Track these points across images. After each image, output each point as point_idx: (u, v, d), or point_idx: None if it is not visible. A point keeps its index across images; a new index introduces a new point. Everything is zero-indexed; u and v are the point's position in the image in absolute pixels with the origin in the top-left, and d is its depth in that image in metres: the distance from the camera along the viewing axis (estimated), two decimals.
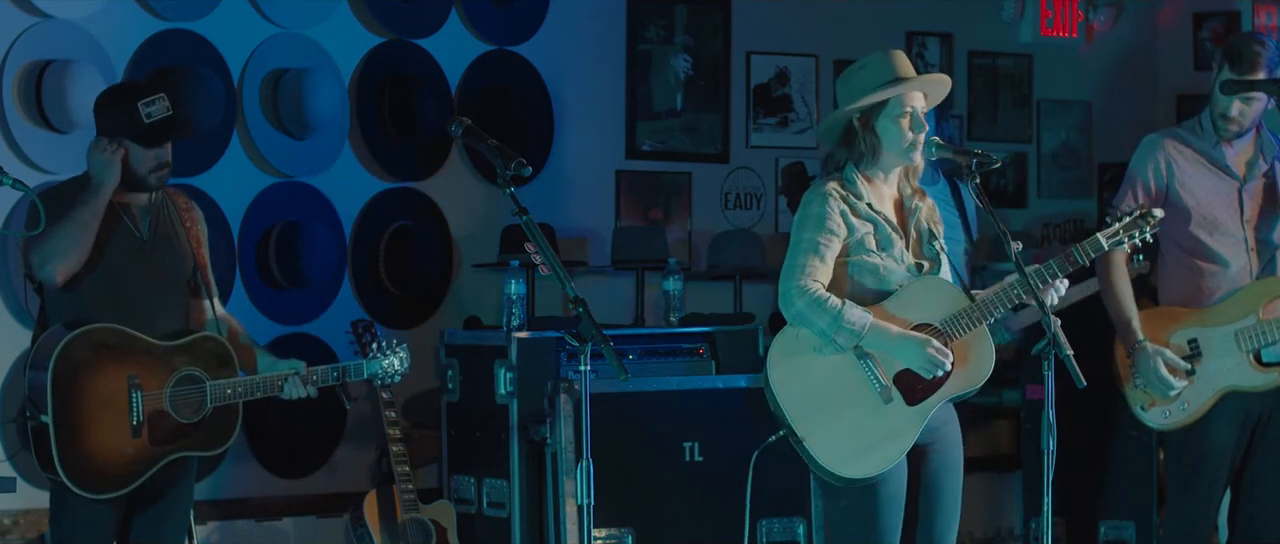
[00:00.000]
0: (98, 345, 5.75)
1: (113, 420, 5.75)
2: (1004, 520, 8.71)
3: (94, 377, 5.74)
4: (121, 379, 5.77)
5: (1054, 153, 9.28)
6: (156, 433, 5.81)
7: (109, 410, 5.75)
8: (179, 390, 5.85)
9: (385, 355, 6.20)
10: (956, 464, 5.51)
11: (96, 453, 5.74)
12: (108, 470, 5.76)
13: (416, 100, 7.63)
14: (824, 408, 5.35)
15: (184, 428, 5.86)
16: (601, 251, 8.02)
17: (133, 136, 5.83)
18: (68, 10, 6.96)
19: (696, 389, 7.14)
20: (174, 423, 5.84)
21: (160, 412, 5.82)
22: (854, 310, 5.30)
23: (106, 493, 5.76)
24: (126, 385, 5.77)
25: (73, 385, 5.71)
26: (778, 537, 7.17)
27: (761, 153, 8.51)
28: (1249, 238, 6.39)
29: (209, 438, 5.92)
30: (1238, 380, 6.34)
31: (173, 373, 5.85)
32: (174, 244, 5.98)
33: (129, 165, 5.85)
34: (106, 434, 5.75)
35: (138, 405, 5.78)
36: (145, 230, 5.93)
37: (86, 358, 5.73)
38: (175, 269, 5.98)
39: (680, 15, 8.30)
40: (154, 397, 5.81)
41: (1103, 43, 9.28)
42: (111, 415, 5.75)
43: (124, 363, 5.78)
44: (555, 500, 6.89)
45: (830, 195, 5.39)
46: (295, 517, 7.48)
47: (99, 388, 5.74)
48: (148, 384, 5.80)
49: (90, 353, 5.74)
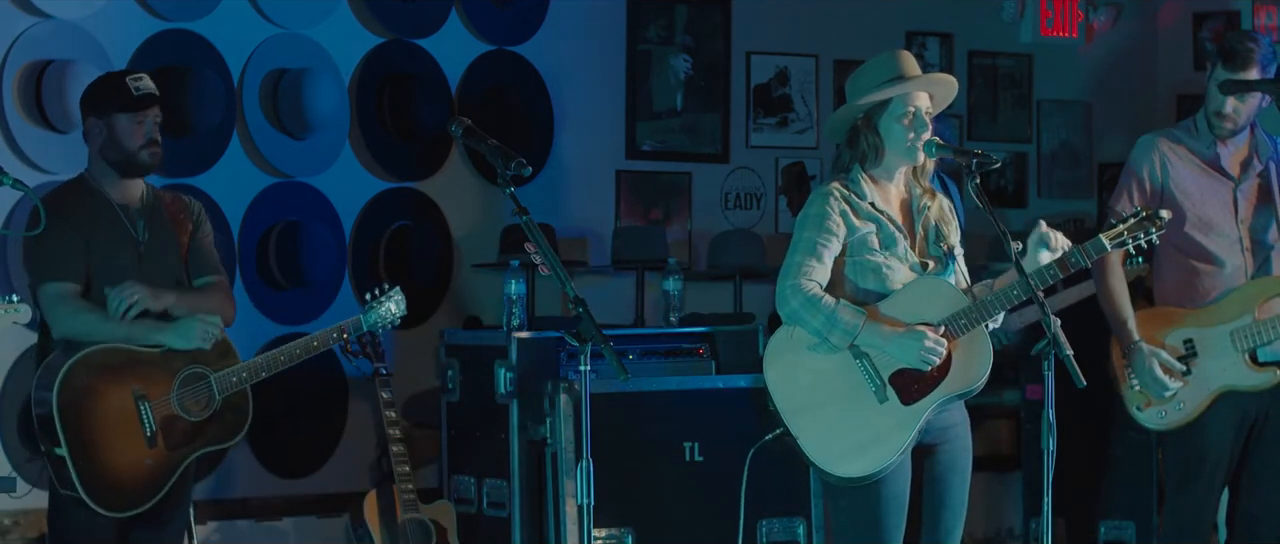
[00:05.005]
0: (97, 368, 5.76)
1: (127, 438, 5.77)
2: (1004, 520, 8.71)
3: (99, 400, 5.75)
4: (126, 395, 5.79)
5: (1054, 153, 9.28)
6: (172, 438, 5.83)
7: (121, 429, 5.77)
8: (185, 391, 5.86)
9: (381, 303, 6.23)
10: (963, 466, 5.49)
11: (117, 473, 5.76)
12: (131, 486, 5.78)
13: (416, 100, 7.64)
14: (818, 406, 5.35)
15: (198, 426, 5.88)
16: (601, 251, 8.02)
17: (122, 108, 5.86)
18: (68, 10, 6.97)
19: (696, 389, 7.13)
20: (186, 424, 5.86)
21: (171, 416, 5.83)
22: (848, 309, 5.30)
23: (137, 508, 5.79)
24: (133, 400, 5.79)
25: (80, 413, 5.72)
26: (778, 537, 7.17)
27: (761, 153, 8.51)
28: (1244, 238, 6.39)
29: (224, 430, 5.95)
30: (1234, 380, 6.33)
31: (176, 375, 5.86)
32: (168, 243, 6.00)
33: (119, 142, 5.87)
34: (123, 452, 5.76)
35: (148, 416, 5.80)
36: (141, 231, 5.94)
37: (88, 383, 5.74)
38: (170, 269, 5.99)
39: (680, 15, 8.31)
40: (162, 403, 5.82)
41: (1103, 43, 9.29)
42: (125, 433, 5.77)
43: (125, 379, 5.79)
44: (555, 500, 6.89)
45: (831, 195, 5.39)
46: (295, 517, 7.48)
47: (107, 410, 5.76)
48: (153, 392, 5.81)
49: (91, 377, 5.75)
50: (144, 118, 5.91)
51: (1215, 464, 6.39)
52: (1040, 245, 5.34)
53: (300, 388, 7.33)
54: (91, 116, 5.92)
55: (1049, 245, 5.34)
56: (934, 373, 5.33)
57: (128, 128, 5.88)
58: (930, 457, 5.45)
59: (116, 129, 5.88)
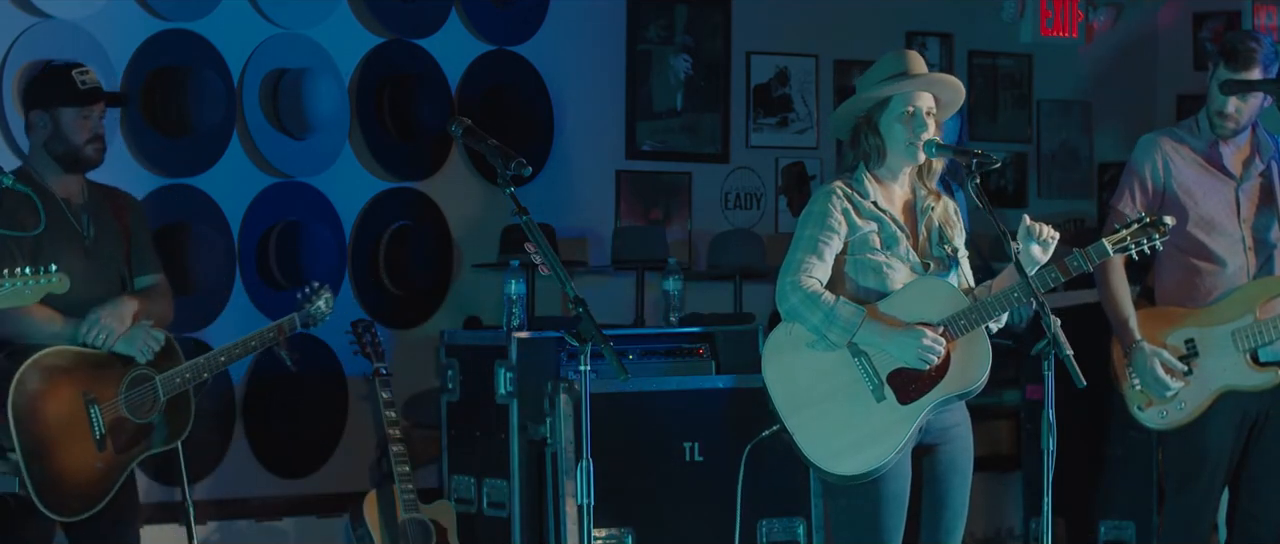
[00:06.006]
0: (48, 370, 5.70)
1: (77, 440, 5.72)
2: (1004, 520, 8.71)
3: (50, 402, 5.69)
4: (77, 397, 5.73)
5: (1054, 153, 9.28)
6: (119, 440, 5.79)
7: (72, 432, 5.71)
8: (132, 393, 5.82)
9: (311, 302, 6.23)
10: (964, 467, 5.49)
11: (68, 476, 5.71)
12: (82, 490, 5.73)
13: (416, 100, 7.63)
14: (815, 403, 5.35)
15: (143, 428, 5.83)
16: (601, 251, 8.02)
17: (67, 101, 5.82)
18: (68, 10, 6.97)
19: (696, 389, 7.13)
20: (133, 426, 5.82)
21: (119, 419, 5.79)
22: (847, 307, 5.30)
23: (85, 512, 5.73)
24: (83, 402, 5.74)
25: (33, 417, 5.67)
26: (778, 537, 7.16)
27: (761, 153, 8.51)
28: (1246, 237, 6.39)
29: (168, 431, 5.90)
30: (1235, 380, 6.33)
31: (123, 377, 5.82)
32: (113, 241, 5.95)
33: (65, 136, 5.83)
34: (75, 455, 5.71)
35: (97, 419, 5.75)
36: (87, 227, 5.89)
37: (40, 387, 5.68)
38: (116, 267, 5.96)
39: (680, 15, 8.30)
40: (110, 406, 5.78)
41: (1103, 43, 9.28)
42: (75, 436, 5.72)
43: (75, 380, 5.74)
44: (555, 500, 6.89)
45: (834, 193, 5.40)
46: (295, 517, 7.48)
47: (58, 412, 5.70)
48: (102, 395, 5.77)
49: (43, 380, 5.69)
50: (90, 112, 5.87)
51: (1215, 464, 6.39)
52: (1028, 239, 5.34)
53: (300, 388, 7.33)
54: (36, 109, 5.87)
55: (1036, 237, 5.34)
56: (932, 372, 5.34)
57: (74, 122, 5.84)
58: (930, 456, 5.46)
59: (62, 123, 5.84)
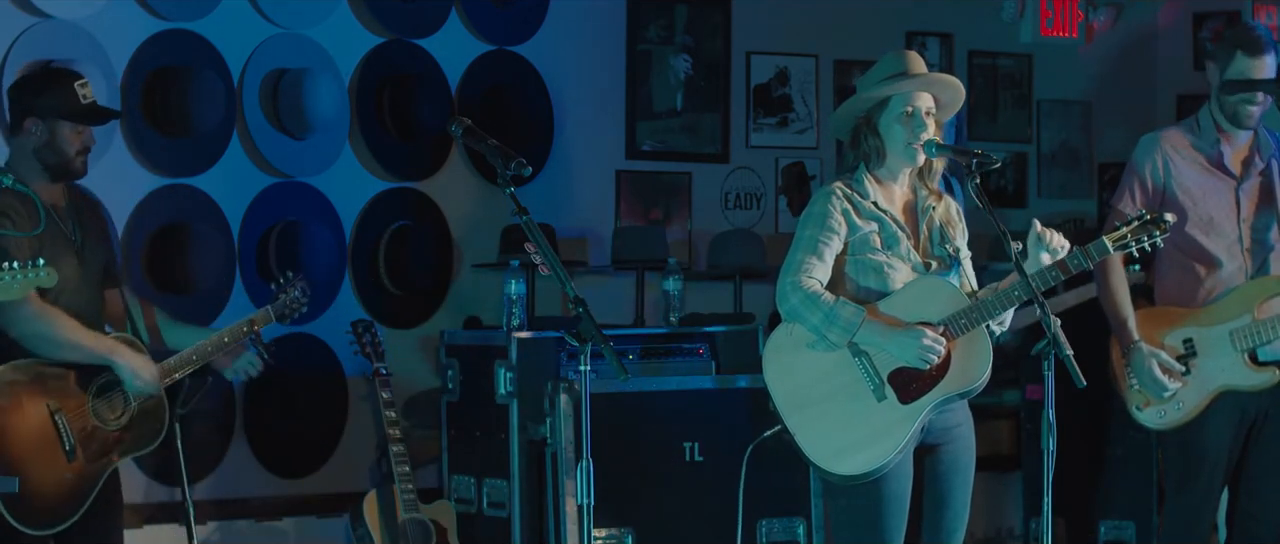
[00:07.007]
0: (8, 385, 5.61)
1: (46, 453, 5.63)
2: (1004, 520, 8.71)
3: (15, 417, 5.60)
4: (42, 410, 5.64)
5: (1054, 153, 9.28)
6: (90, 449, 5.71)
7: (39, 445, 5.62)
8: (99, 400, 5.74)
9: (285, 292, 6.11)
10: (966, 467, 5.49)
11: (40, 490, 5.61)
12: (54, 503, 5.65)
13: (416, 100, 7.63)
14: (816, 403, 5.35)
15: (115, 435, 5.76)
16: (601, 251, 8.02)
17: (70, 116, 5.75)
18: (68, 10, 6.97)
19: (696, 389, 7.14)
20: (105, 433, 5.74)
21: (88, 427, 5.71)
22: (847, 307, 5.30)
23: (60, 524, 5.66)
24: (48, 414, 5.65)
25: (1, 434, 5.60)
26: (778, 537, 7.17)
27: (761, 153, 8.51)
28: (1245, 237, 6.40)
29: (140, 436, 5.82)
30: (1233, 380, 6.34)
31: (89, 384, 5.73)
32: (98, 246, 5.91)
33: (60, 148, 5.75)
34: (44, 469, 5.62)
35: (65, 430, 5.66)
36: (74, 232, 5.83)
37: (3, 402, 5.60)
38: (100, 266, 5.90)
39: (680, 15, 8.30)
40: (78, 415, 5.69)
41: (1103, 43, 9.28)
42: (43, 449, 5.63)
43: (38, 392, 5.65)
44: (555, 500, 6.89)
45: (834, 194, 5.40)
46: (295, 517, 7.47)
47: (24, 426, 5.61)
48: (67, 405, 5.68)
49: (5, 396, 5.60)
50: (85, 126, 5.81)
51: (1215, 464, 6.40)
52: (1038, 247, 5.35)
53: (300, 388, 7.33)
54: (32, 116, 5.76)
55: (1047, 245, 5.34)
56: (933, 372, 5.34)
57: (70, 135, 5.76)
58: (932, 456, 5.46)
59: (58, 135, 5.75)
